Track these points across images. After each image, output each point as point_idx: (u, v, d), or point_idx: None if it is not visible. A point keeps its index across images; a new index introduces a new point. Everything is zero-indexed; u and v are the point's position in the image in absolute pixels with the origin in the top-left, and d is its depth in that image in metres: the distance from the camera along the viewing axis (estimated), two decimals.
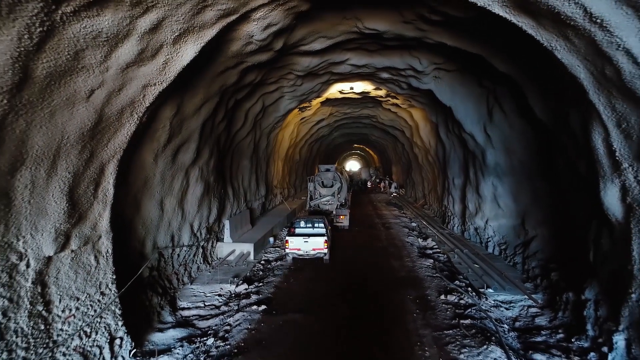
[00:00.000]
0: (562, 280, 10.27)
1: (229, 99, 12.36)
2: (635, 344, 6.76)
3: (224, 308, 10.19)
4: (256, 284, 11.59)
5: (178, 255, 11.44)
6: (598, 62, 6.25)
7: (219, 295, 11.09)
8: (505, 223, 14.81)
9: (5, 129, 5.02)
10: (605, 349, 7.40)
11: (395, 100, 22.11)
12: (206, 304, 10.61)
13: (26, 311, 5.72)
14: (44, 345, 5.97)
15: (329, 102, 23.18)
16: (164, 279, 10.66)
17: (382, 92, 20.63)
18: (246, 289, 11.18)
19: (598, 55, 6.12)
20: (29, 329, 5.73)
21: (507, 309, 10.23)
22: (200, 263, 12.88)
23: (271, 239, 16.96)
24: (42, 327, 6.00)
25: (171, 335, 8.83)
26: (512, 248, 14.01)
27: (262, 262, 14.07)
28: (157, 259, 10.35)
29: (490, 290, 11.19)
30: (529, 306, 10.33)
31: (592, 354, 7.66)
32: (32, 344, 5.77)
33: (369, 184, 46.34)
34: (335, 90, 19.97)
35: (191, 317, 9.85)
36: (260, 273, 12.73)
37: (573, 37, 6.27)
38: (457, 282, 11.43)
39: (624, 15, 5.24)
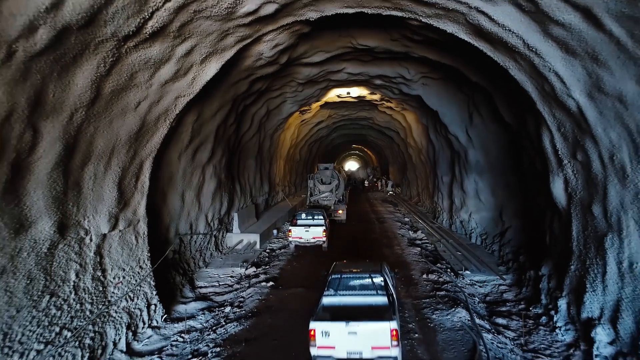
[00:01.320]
0: (528, 262, 11.91)
1: (239, 105, 14.00)
2: (572, 305, 8.39)
3: (236, 286, 11.82)
4: (263, 267, 13.21)
5: (195, 241, 13.07)
6: (539, 80, 7.89)
7: (231, 276, 12.71)
8: (485, 215, 16.47)
9: (81, 134, 6.64)
10: (552, 312, 9.04)
11: (389, 104, 23.75)
12: (220, 283, 12.23)
13: (90, 275, 7.34)
14: (102, 303, 7.59)
15: (327, 105, 24.80)
16: (183, 261, 12.29)
17: (376, 97, 22.26)
18: (255, 272, 12.80)
19: (538, 75, 7.76)
20: (92, 289, 7.36)
21: (480, 286, 11.86)
22: (213, 250, 14.50)
23: (275, 231, 18.58)
24: (100, 289, 7.62)
25: (193, 306, 10.44)
26: (491, 237, 15.66)
27: (267, 250, 15.70)
28: (178, 244, 11.98)
29: (467, 272, 12.82)
30: (500, 285, 11.97)
31: (543, 317, 9.30)
32: (95, 301, 7.39)
33: (366, 183, 47.92)
34: (334, 94, 21.59)
35: (208, 293, 11.46)
36: (267, 259, 14.35)
37: (519, 59, 7.92)
38: (439, 265, 13.09)
39: (550, 46, 6.88)
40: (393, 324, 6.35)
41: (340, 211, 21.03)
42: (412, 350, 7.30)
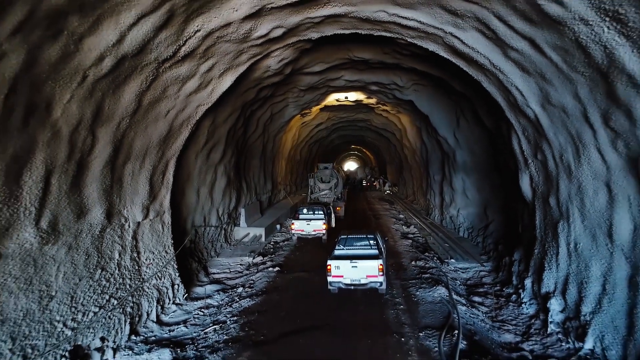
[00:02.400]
0: (505, 251, 13.37)
1: (247, 110, 15.45)
2: (535, 283, 9.84)
3: (245, 272, 13.27)
4: (269, 256, 14.67)
5: (208, 233, 14.52)
6: (505, 92, 9.36)
7: (240, 264, 14.16)
8: (472, 211, 17.94)
9: (124, 138, 8.09)
10: (520, 290, 10.50)
11: (385, 107, 25.22)
12: (231, 270, 13.68)
13: (128, 255, 8.80)
14: (138, 279, 9.04)
15: (327, 108, 26.26)
16: (198, 250, 13.74)
17: (373, 100, 23.73)
18: (262, 260, 14.25)
19: (504, 88, 9.23)
20: (130, 267, 8.81)
21: (463, 272, 13.33)
22: (223, 242, 15.95)
23: (278, 226, 20.03)
24: (136, 267, 9.07)
25: (209, 288, 11.88)
26: (477, 231, 17.13)
27: (272, 242, 17.15)
28: (194, 234, 13.43)
29: (452, 260, 14.29)
30: (481, 271, 13.43)
31: (513, 296, 10.75)
32: (132, 277, 8.83)
33: (364, 182, 49.33)
34: (333, 99, 23.06)
35: (221, 278, 12.91)
36: (272, 249, 15.81)
37: (489, 75, 9.39)
38: (427, 254, 14.55)
39: (510, 65, 8.34)
40: (380, 262, 9.92)
41: (338, 208, 22.49)
42: (397, 317, 8.77)
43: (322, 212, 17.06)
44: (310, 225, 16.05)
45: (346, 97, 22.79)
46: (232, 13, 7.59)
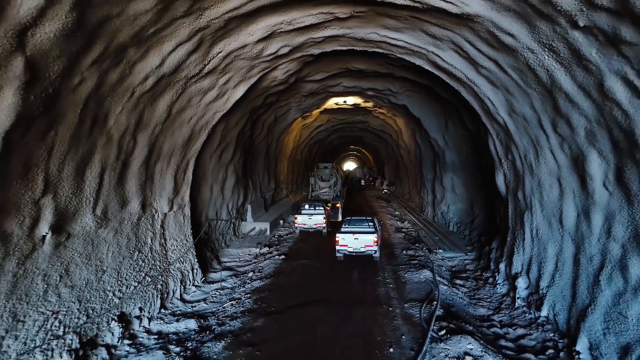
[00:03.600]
0: (486, 241, 14.90)
1: (254, 115, 16.97)
2: (508, 267, 11.36)
3: (254, 260, 14.78)
4: (275, 247, 16.18)
5: (219, 226, 16.04)
6: (480, 102, 10.89)
7: (249, 254, 15.67)
8: (460, 207, 19.47)
9: (156, 142, 9.60)
10: (496, 274, 12.02)
11: (381, 110, 26.75)
12: (240, 259, 15.19)
13: (158, 241, 10.31)
14: (165, 262, 10.55)
15: (326, 111, 27.78)
16: (211, 241, 15.25)
17: (370, 104, 25.25)
18: (268, 250, 15.76)
19: (479, 98, 10.76)
20: (159, 251, 10.32)
21: (449, 261, 14.85)
22: (232, 235, 17.46)
23: (281, 222, 21.53)
24: (164, 252, 10.58)
25: (222, 274, 13.38)
26: (464, 225, 18.66)
27: (277, 236, 18.66)
28: (208, 227, 14.94)
29: (440, 250, 15.81)
30: (465, 259, 14.96)
31: (490, 279, 12.27)
32: (161, 260, 10.34)
33: (362, 182, 50.82)
34: (332, 102, 24.57)
35: (232, 266, 14.41)
36: (276, 242, 17.32)
37: (466, 86, 10.91)
38: (417, 245, 16.08)
39: (482, 80, 9.87)
40: (375, 236, 13.27)
41: (337, 205, 23.98)
42: (387, 293, 10.30)
43: (322, 208, 18.55)
44: (311, 219, 17.56)
45: (345, 101, 24.30)
46: (248, 37, 9.11)
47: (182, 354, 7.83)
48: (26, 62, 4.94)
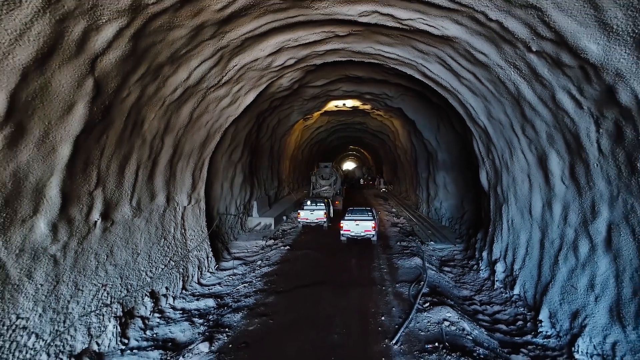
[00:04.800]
0: (473, 233, 16.30)
1: (260, 118, 18.34)
2: (489, 254, 12.74)
3: (261, 251, 16.16)
4: (280, 239, 17.56)
5: (228, 220, 17.41)
6: (464, 107, 12.27)
7: (256, 246, 17.05)
8: (452, 203, 20.86)
9: (179, 143, 10.97)
10: (479, 261, 13.41)
11: (379, 112, 28.10)
12: (248, 250, 16.56)
13: (179, 230, 11.68)
14: (185, 249, 11.92)
15: (326, 113, 29.14)
16: (221, 234, 16.62)
17: (368, 107, 26.61)
18: (274, 242, 17.14)
19: (463, 105, 12.14)
20: (180, 239, 11.69)
21: (440, 252, 16.23)
22: (239, 229, 18.84)
23: (284, 218, 22.91)
24: (184, 240, 11.95)
25: (232, 263, 14.76)
26: (455, 220, 20.04)
27: (281, 230, 20.03)
28: (218, 220, 16.32)
29: (432, 242, 17.20)
30: (454, 250, 16.35)
31: (475, 266, 13.66)
32: (182, 247, 11.71)
33: (361, 181, 52.20)
34: (332, 105, 25.93)
35: (241, 256, 15.79)
36: (281, 235, 18.70)
37: (452, 94, 12.29)
38: (410, 237, 17.47)
39: (465, 89, 11.24)
40: (374, 222, 15.95)
41: (337, 202, 25.37)
42: (381, 276, 11.68)
43: (323, 204, 19.93)
44: (313, 214, 18.94)
45: (344, 104, 25.67)
46: (260, 52, 10.48)
47: (205, 324, 9.21)
48: (94, 82, 6.31)
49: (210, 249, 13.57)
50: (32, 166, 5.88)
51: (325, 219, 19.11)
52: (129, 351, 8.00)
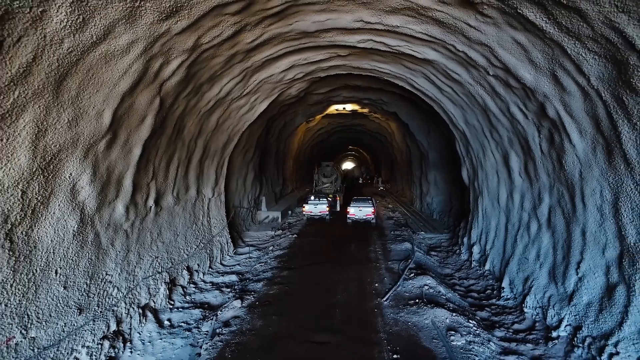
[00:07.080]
0: (457, 223, 18.48)
1: (269, 122, 20.50)
2: (468, 240, 14.90)
3: (271, 240, 18.32)
4: (287, 230, 19.73)
5: (241, 213, 19.57)
6: (446, 114, 14.44)
7: (266, 236, 19.21)
8: (442, 199, 23.04)
9: (207, 144, 13.12)
10: (461, 246, 15.58)
11: (376, 115, 30.29)
12: (260, 239, 18.72)
13: (206, 218, 13.83)
14: (210, 234, 14.07)
15: (328, 116, 31.32)
16: (236, 225, 18.78)
17: (366, 110, 28.80)
18: (282, 232, 19.31)
19: (445, 112, 14.31)
20: (207, 225, 13.84)
21: (429, 240, 18.42)
22: (250, 221, 21.01)
23: (289, 212, 25.07)
24: (209, 227, 14.10)
25: (247, 249, 16.92)
26: (444, 213, 22.23)
27: (287, 223, 22.20)
28: (234, 212, 18.48)
29: (422, 232, 19.39)
30: (441, 238, 18.54)
31: (457, 251, 15.82)
32: (208, 232, 13.86)
33: (360, 180, 54.38)
34: (333, 109, 28.10)
35: (254, 244, 17.95)
36: (288, 226, 20.87)
37: (435, 103, 14.46)
38: (403, 227, 19.66)
39: (446, 99, 13.40)
40: (373, 208, 20.64)
41: (337, 198, 27.55)
42: (376, 256, 13.86)
43: (325, 199, 22.11)
44: (317, 207, 21.13)
45: (344, 108, 27.85)
46: (275, 69, 12.65)
47: (232, 292, 11.37)
48: (160, 100, 8.48)
49: (229, 236, 15.72)
50: (117, 163, 8.04)
51: (327, 212, 21.28)
52: (175, 310, 10.16)
